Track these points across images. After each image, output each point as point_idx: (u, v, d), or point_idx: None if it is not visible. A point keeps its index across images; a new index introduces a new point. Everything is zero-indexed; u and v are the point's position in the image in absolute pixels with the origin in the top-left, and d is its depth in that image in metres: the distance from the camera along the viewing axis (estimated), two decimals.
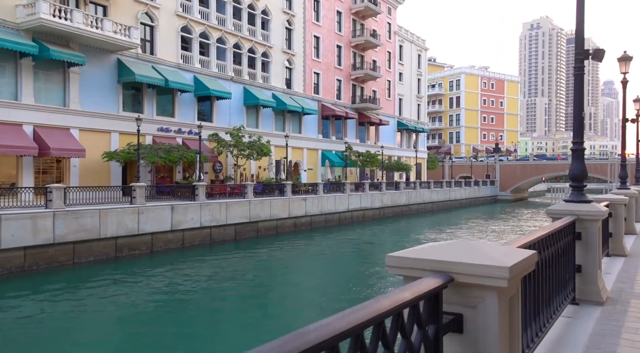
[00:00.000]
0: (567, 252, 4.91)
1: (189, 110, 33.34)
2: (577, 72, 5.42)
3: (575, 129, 5.43)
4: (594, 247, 5.18)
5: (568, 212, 5.18)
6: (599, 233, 5.32)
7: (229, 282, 19.32)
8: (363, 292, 17.48)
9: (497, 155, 75.75)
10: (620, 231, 8.25)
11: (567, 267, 4.93)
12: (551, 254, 4.45)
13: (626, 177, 11.37)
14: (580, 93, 5.36)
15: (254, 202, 29.45)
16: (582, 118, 5.29)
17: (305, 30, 44.71)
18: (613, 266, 7.27)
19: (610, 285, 5.99)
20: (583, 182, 5.42)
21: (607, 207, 8.04)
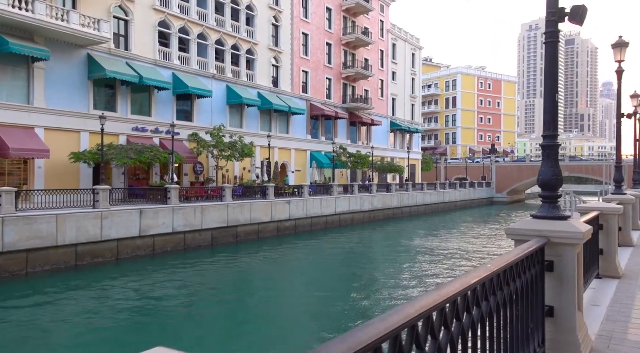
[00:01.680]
0: (532, 288, 3.46)
1: (166, 109, 31.87)
2: (548, 39, 3.96)
3: (547, 119, 3.97)
4: (570, 282, 3.71)
5: (535, 233, 3.72)
6: (578, 261, 3.86)
7: (201, 293, 17.86)
8: (351, 306, 15.99)
9: (493, 156, 74.31)
10: (613, 247, 6.79)
11: (532, 310, 3.47)
12: (508, 294, 3.01)
13: (622, 180, 9.95)
14: (552, 67, 3.91)
15: (232, 205, 27.97)
16: (556, 103, 3.82)
17: (292, 26, 43.26)
18: (603, 294, 5.80)
19: (597, 327, 4.52)
20: (557, 191, 3.94)
21: (597, 218, 6.58)
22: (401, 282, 19.53)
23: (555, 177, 3.89)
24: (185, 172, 33.30)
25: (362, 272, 22.72)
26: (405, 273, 21.55)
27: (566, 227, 3.71)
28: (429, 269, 22.51)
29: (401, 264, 23.86)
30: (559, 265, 3.74)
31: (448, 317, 2.13)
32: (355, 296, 17.34)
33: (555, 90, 3.90)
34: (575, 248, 3.72)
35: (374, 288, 18.94)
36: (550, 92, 3.91)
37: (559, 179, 3.90)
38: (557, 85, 3.91)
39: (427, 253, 26.86)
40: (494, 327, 2.81)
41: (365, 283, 19.96)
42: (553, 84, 3.91)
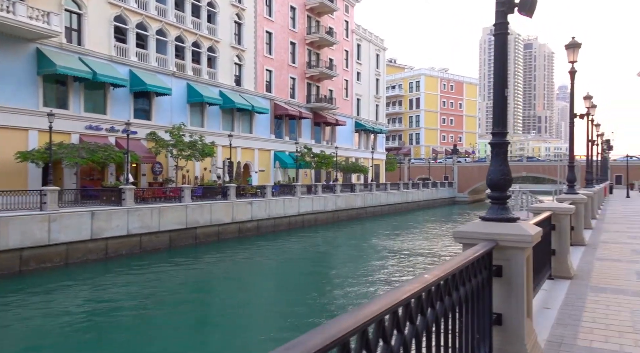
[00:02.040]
0: (480, 295, 3.23)
1: (123, 107, 30.70)
2: (498, 31, 3.75)
3: (496, 114, 3.75)
4: (519, 287, 3.50)
5: (483, 236, 3.49)
6: (527, 265, 3.66)
7: (155, 298, 17.13)
8: (311, 310, 15.64)
9: (455, 157, 75.72)
10: (565, 247, 6.72)
11: (480, 318, 3.24)
12: (456, 301, 2.75)
13: (574, 180, 10.04)
14: (502, 60, 3.70)
15: (191, 206, 27.20)
16: (505, 98, 3.61)
17: (256, 25, 42.64)
18: (554, 296, 5.69)
19: (547, 332, 4.36)
20: (506, 191, 3.73)
21: (549, 219, 6.50)
22: (362, 284, 19.37)
23: (504, 177, 3.68)
24: (143, 173, 32.21)
25: (324, 274, 22.48)
26: (367, 274, 21.43)
27: (515, 229, 3.50)
28: (390, 270, 22.48)
29: (363, 265, 23.75)
30: (508, 270, 3.52)
31: (387, 330, 1.86)
32: (315, 299, 17.04)
33: (504, 85, 3.69)
34: (524, 252, 3.51)
35: (334, 290, 18.70)
36: (500, 86, 3.69)
37: (508, 179, 3.69)
38: (506, 79, 3.70)
39: (389, 254, 26.88)
40: (440, 337, 2.55)
41: (327, 286, 19.71)
42: (502, 78, 3.70)
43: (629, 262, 8.03)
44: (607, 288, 6.07)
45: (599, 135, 30.15)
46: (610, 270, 7.26)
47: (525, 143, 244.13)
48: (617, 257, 8.56)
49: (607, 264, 7.77)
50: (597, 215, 17.58)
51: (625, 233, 12.13)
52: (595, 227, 13.69)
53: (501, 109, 3.70)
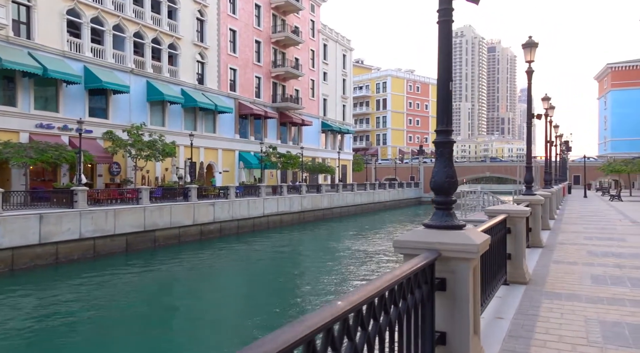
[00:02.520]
0: (420, 312, 2.85)
1: (77, 105, 29.36)
2: (442, 17, 3.38)
3: (441, 110, 3.39)
4: (464, 303, 3.15)
5: (425, 246, 3.12)
6: (474, 277, 3.31)
7: (109, 305, 16.25)
8: (282, 313, 15.10)
9: (421, 157, 76.54)
10: (520, 251, 6.48)
11: (421, 338, 2.86)
12: (392, 319, 2.36)
13: (532, 180, 9.94)
14: (447, 49, 3.34)
15: (150, 208, 26.21)
16: (450, 93, 3.25)
17: (219, 22, 41.73)
18: (508, 304, 5.42)
19: (498, 347, 4.04)
20: (451, 196, 3.38)
21: (505, 222, 6.24)
22: (324, 287, 18.99)
23: (449, 180, 3.32)
24: (99, 173, 30.94)
25: (285, 276, 21.98)
26: (330, 277, 21.07)
27: (460, 238, 3.13)
28: (354, 272, 22.19)
29: (327, 267, 23.40)
30: (452, 284, 3.16)
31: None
32: (275, 303, 16.54)
33: (449, 78, 3.33)
34: (470, 263, 3.15)
35: (297, 294, 18.25)
36: (445, 80, 3.33)
37: (453, 182, 3.33)
38: (451, 71, 3.34)
39: (352, 255, 26.63)
40: None
41: (286, 289, 19.22)
42: (447, 70, 3.34)
43: (585, 264, 7.90)
44: (562, 294, 5.85)
45: (558, 136, 30.82)
46: (566, 274, 7.09)
47: (490, 144, 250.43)
48: (573, 259, 8.45)
49: (563, 268, 7.61)
50: (556, 215, 17.78)
51: (581, 234, 12.17)
52: (554, 228, 13.74)
53: (446, 105, 3.34)
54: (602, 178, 62.68)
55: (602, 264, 7.89)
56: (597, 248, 9.74)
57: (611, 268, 7.54)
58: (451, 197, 3.35)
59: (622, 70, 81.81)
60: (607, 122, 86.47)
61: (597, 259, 8.39)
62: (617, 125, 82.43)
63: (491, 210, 6.69)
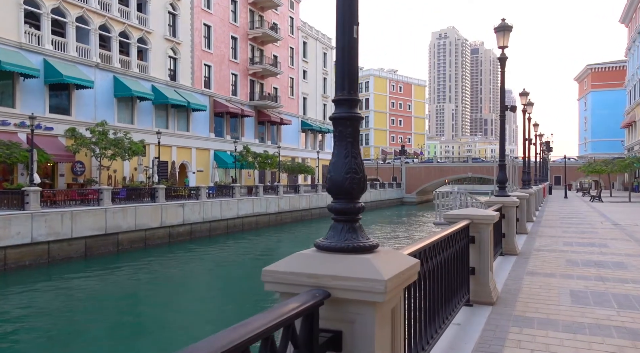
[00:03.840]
0: None
1: (37, 100, 27.70)
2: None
3: (342, 72, 2.23)
4: None
5: (306, 282, 1.96)
6: (391, 325, 2.16)
7: (61, 316, 14.82)
8: None
9: (403, 158, 75.80)
10: (486, 264, 5.39)
11: None
12: None
13: (505, 180, 8.91)
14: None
15: (112, 209, 24.72)
16: (354, 43, 2.10)
17: (193, 17, 40.26)
18: (468, 333, 4.31)
19: None
20: (356, 200, 2.22)
21: (467, 229, 5.14)
22: None
23: (352, 176, 2.16)
24: (61, 173, 29.29)
25: (255, 279, 20.71)
26: None
27: (360, 270, 1.97)
28: None
29: None
30: (350, 340, 2.00)
31: None
32: (245, 312, 15.29)
33: (354, 21, 2.18)
34: (377, 309, 1.99)
35: (261, 299, 17.02)
36: (347, 23, 2.18)
37: (358, 179, 2.17)
38: (356, 15, 2.19)
39: None
40: None
41: (258, 295, 17.97)
42: (352, 12, 2.19)
43: (563, 276, 6.86)
44: (534, 319, 4.77)
45: (538, 135, 30.10)
46: (542, 290, 6.02)
47: (473, 145, 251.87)
48: (550, 269, 7.40)
49: (538, 281, 6.55)
50: (535, 217, 16.87)
51: (560, 239, 11.19)
52: (531, 232, 12.77)
53: (350, 62, 2.19)
54: (582, 178, 62.64)
55: (582, 276, 6.85)
56: (577, 256, 8.74)
57: (593, 282, 6.50)
58: (356, 203, 2.19)
59: (602, 72, 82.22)
60: (587, 123, 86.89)
61: (577, 270, 7.36)
62: (597, 126, 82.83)
63: (453, 215, 5.45)
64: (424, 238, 3.48)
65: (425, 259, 3.37)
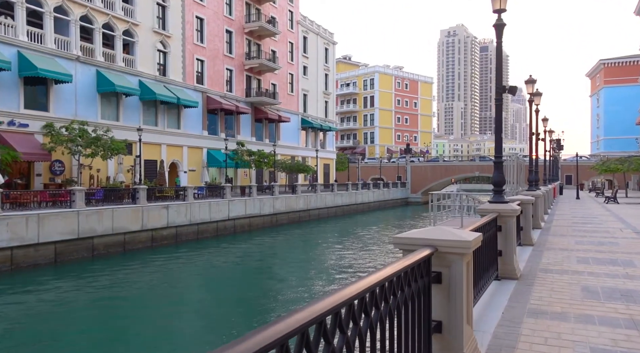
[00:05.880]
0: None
1: (10, 95, 26.05)
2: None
3: None
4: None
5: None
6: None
7: (22, 331, 13.09)
8: None
9: (408, 156, 73.56)
10: (458, 317, 3.40)
11: None
12: None
13: (502, 182, 6.90)
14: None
15: (85, 212, 22.98)
16: None
17: (184, 8, 38.47)
18: None
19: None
20: None
21: (428, 263, 3.17)
22: (286, 301, 15.86)
23: None
24: (38, 173, 27.63)
25: (245, 288, 18.80)
26: (296, 289, 17.95)
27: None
28: (324, 282, 19.05)
29: (293, 277, 20.32)
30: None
31: None
32: (234, 325, 13.38)
33: None
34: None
35: (255, 311, 15.10)
36: None
37: None
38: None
39: (325, 263, 23.54)
40: None
41: (248, 305, 16.06)
42: None
43: (579, 320, 4.84)
44: None
45: (548, 131, 27.84)
46: (549, 350, 4.02)
47: (482, 143, 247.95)
48: (560, 306, 5.39)
49: (542, 330, 4.54)
50: (543, 223, 14.76)
51: (573, 253, 9.14)
52: (538, 242, 10.72)
53: None
54: (595, 178, 60.03)
55: (607, 320, 4.84)
56: (596, 280, 6.70)
57: (624, 331, 4.48)
58: None
59: (616, 67, 79.29)
60: (599, 120, 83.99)
61: (599, 307, 5.34)
62: (610, 123, 79.93)
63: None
64: None
65: None
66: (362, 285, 2.12)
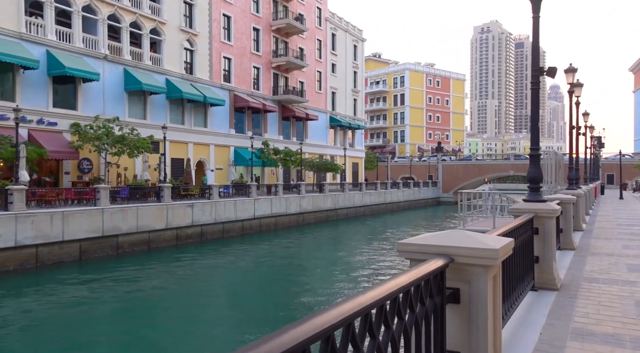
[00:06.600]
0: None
1: (39, 94, 26.38)
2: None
3: None
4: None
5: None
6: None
7: (45, 330, 13.00)
8: None
9: (439, 155, 71.78)
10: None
11: None
12: None
13: (539, 179, 5.96)
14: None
15: (110, 210, 22.97)
16: None
17: (211, 7, 38.36)
18: None
19: None
20: None
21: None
22: (305, 303, 15.22)
23: None
24: (66, 171, 27.92)
25: (274, 293, 18.28)
26: (317, 290, 17.28)
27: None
28: (345, 283, 18.33)
29: (317, 280, 19.67)
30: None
31: None
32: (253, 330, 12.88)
33: None
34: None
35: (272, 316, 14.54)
36: None
37: None
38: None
39: (351, 262, 22.78)
40: None
41: (271, 309, 15.51)
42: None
43: (637, 345, 3.95)
44: None
45: (589, 127, 26.19)
46: None
47: (517, 142, 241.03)
48: (611, 326, 4.48)
49: None
50: (585, 225, 13.57)
51: (622, 260, 8.09)
52: (580, 246, 9.66)
53: None
54: (639, 177, 56.95)
55: None
56: None
57: None
58: None
59: None
60: None
61: None
62: None
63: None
64: None
65: None
66: (344, 309, 1.45)
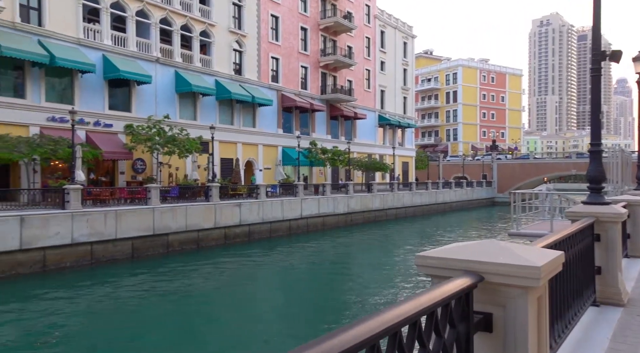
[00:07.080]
0: None
1: (96, 97, 27.50)
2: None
3: None
4: None
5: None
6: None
7: (104, 323, 13.49)
8: None
9: (494, 154, 69.04)
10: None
11: None
12: None
13: (601, 178, 5.14)
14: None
15: (160, 209, 23.52)
16: None
17: (259, 7, 38.67)
18: None
19: None
20: None
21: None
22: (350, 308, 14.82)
23: None
24: (121, 171, 28.96)
25: (322, 294, 18.05)
26: (368, 297, 16.84)
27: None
28: (392, 288, 17.75)
29: (361, 284, 19.22)
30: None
31: None
32: None
33: None
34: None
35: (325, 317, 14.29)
36: None
37: None
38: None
39: (397, 269, 22.12)
40: None
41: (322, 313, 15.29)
42: None
43: None
44: None
45: None
46: None
47: (579, 140, 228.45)
48: None
49: None
50: None
51: None
52: None
53: None
54: None
55: None
56: None
57: None
58: None
59: None
60: None
61: None
62: None
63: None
64: None
65: None
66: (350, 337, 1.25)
